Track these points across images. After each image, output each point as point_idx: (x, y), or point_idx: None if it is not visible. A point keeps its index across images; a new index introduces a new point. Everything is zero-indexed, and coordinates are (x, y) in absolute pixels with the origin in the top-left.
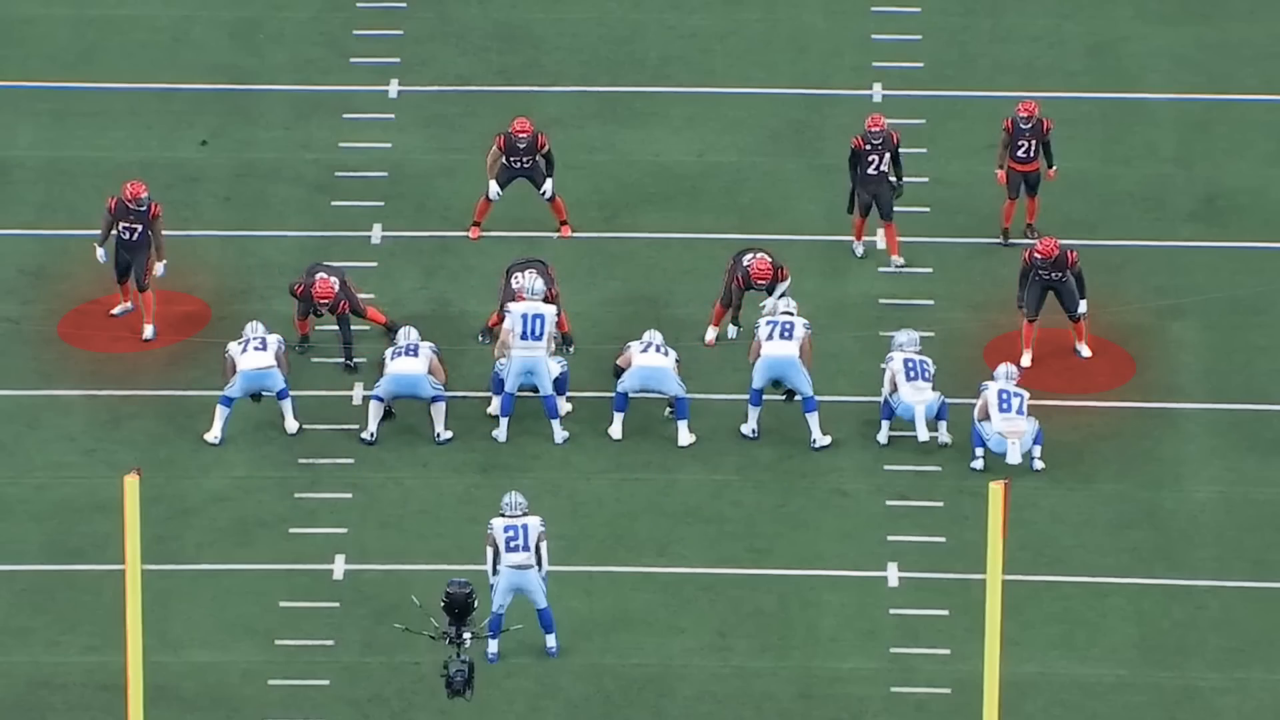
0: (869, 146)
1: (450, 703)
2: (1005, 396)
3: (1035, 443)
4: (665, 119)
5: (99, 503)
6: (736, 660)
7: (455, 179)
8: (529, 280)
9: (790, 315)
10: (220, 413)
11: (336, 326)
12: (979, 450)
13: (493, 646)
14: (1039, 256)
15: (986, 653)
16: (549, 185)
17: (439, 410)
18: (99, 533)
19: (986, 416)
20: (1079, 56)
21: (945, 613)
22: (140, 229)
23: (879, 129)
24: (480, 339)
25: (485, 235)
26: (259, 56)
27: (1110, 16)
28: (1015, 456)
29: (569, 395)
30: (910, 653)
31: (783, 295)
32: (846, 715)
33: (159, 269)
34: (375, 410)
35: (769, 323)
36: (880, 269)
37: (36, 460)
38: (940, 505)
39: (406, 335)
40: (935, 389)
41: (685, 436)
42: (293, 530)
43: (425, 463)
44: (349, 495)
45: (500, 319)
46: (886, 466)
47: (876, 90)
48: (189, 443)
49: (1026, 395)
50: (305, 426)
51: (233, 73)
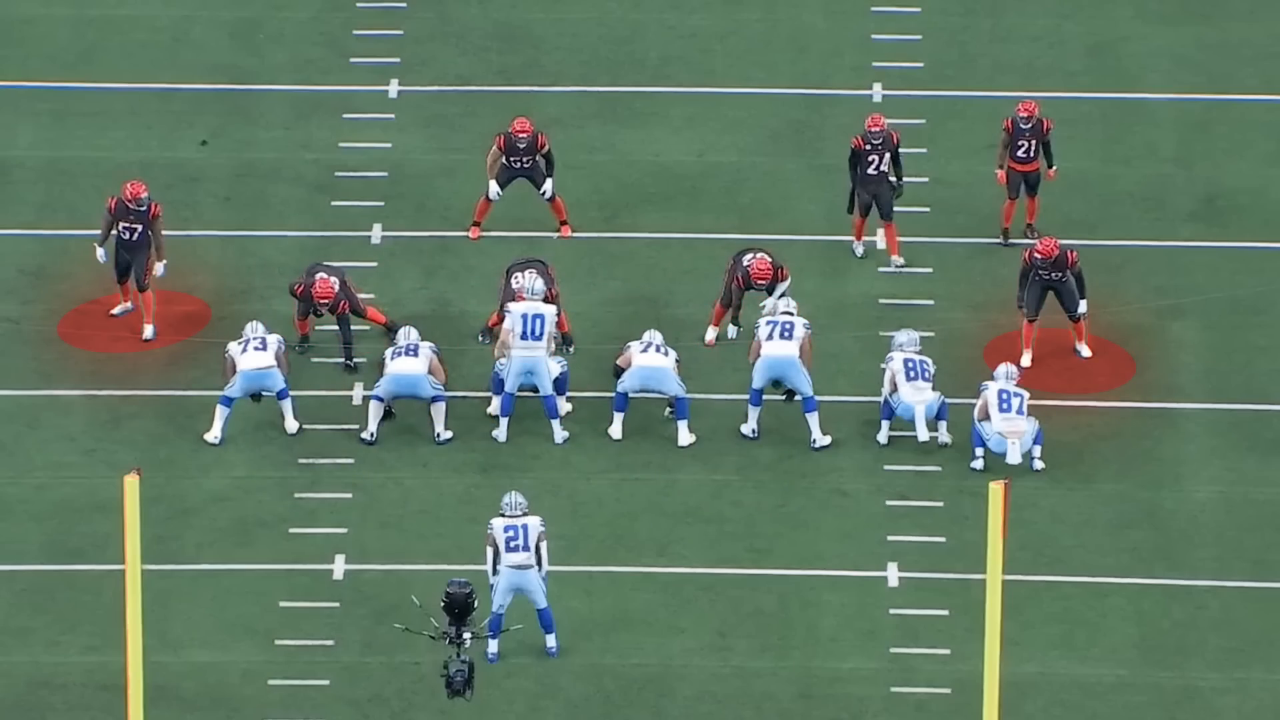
0: (869, 146)
1: (450, 703)
2: (1005, 396)
3: (1035, 443)
4: (665, 119)
5: (99, 503)
6: (736, 660)
7: (455, 179)
8: (529, 280)
9: (790, 315)
10: (220, 413)
11: (336, 326)
12: (979, 450)
13: (493, 646)
14: (1039, 256)
15: (986, 653)
16: (549, 185)
17: (439, 410)
18: (99, 533)
19: (986, 416)
20: (1079, 56)
21: (945, 613)
22: (140, 229)
23: (879, 129)
24: (480, 339)
25: (485, 235)
26: (259, 56)
27: (1110, 16)
28: (1015, 456)
29: (569, 395)
30: (910, 653)
31: (783, 295)
32: (846, 715)
33: (159, 269)
34: (375, 410)
35: (769, 323)
36: (880, 269)
37: (36, 460)
38: (940, 505)
39: (406, 335)
40: (935, 389)
41: (685, 436)
42: (293, 530)
43: (425, 463)
44: (349, 495)
45: (500, 319)
46: (886, 466)
47: (876, 90)
48: (189, 443)
49: (1026, 395)
50: (305, 426)
51: (233, 73)
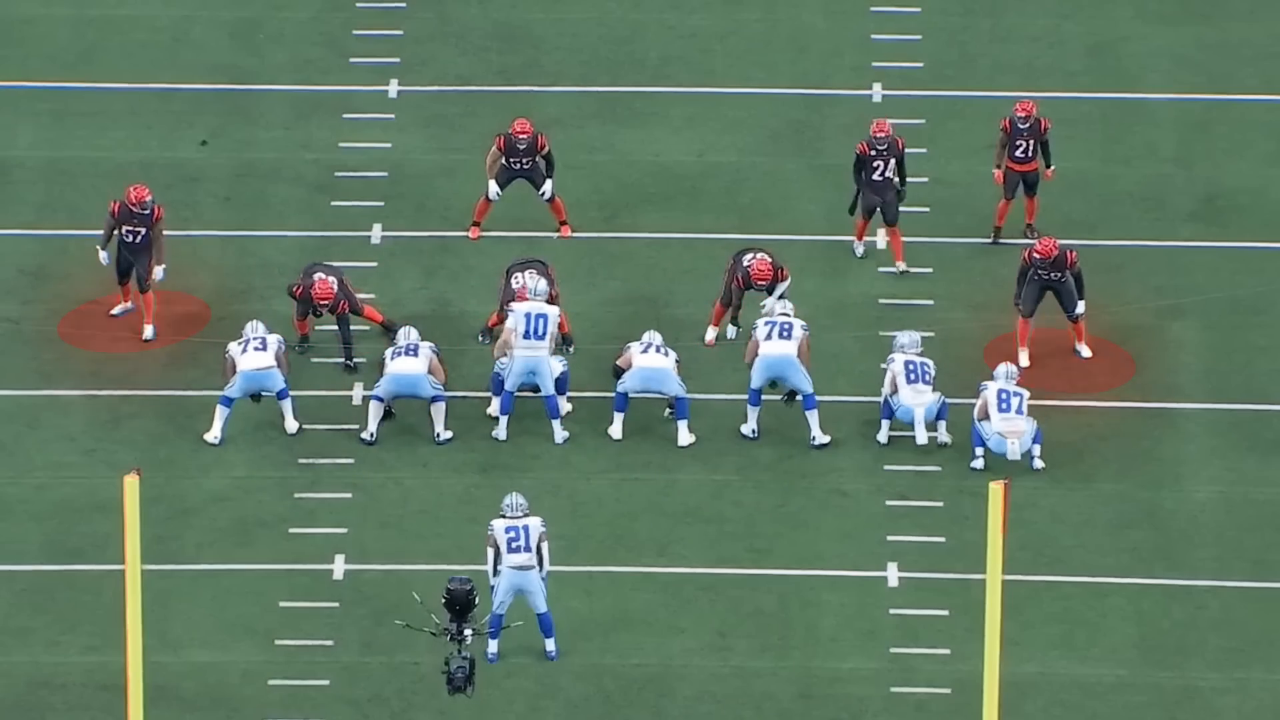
0: (874, 152)
1: (450, 703)
2: (1005, 396)
3: (1035, 441)
4: (665, 119)
5: (99, 503)
6: (736, 660)
7: (455, 179)
8: (532, 281)
9: (788, 316)
10: (220, 413)
11: (336, 327)
12: (979, 450)
13: (492, 646)
14: (1038, 256)
15: (986, 653)
16: (548, 186)
17: (439, 410)
18: (99, 533)
19: (986, 416)
20: (1079, 56)
21: (945, 613)
22: (143, 232)
23: (884, 134)
24: (480, 339)
25: (485, 235)
26: (259, 56)
27: (1110, 16)
28: (1015, 454)
29: (569, 395)
30: (910, 653)
31: (782, 296)
32: (846, 715)
33: (158, 272)
34: (375, 410)
35: (767, 323)
36: (880, 269)
37: (36, 460)
38: (940, 505)
39: (406, 335)
40: (935, 389)
41: (685, 436)
42: (293, 530)
43: (425, 463)
44: (349, 495)
45: (500, 319)
46: (886, 466)
47: (876, 90)
48: (189, 443)
49: (1026, 395)
50: (305, 426)
51: (233, 73)
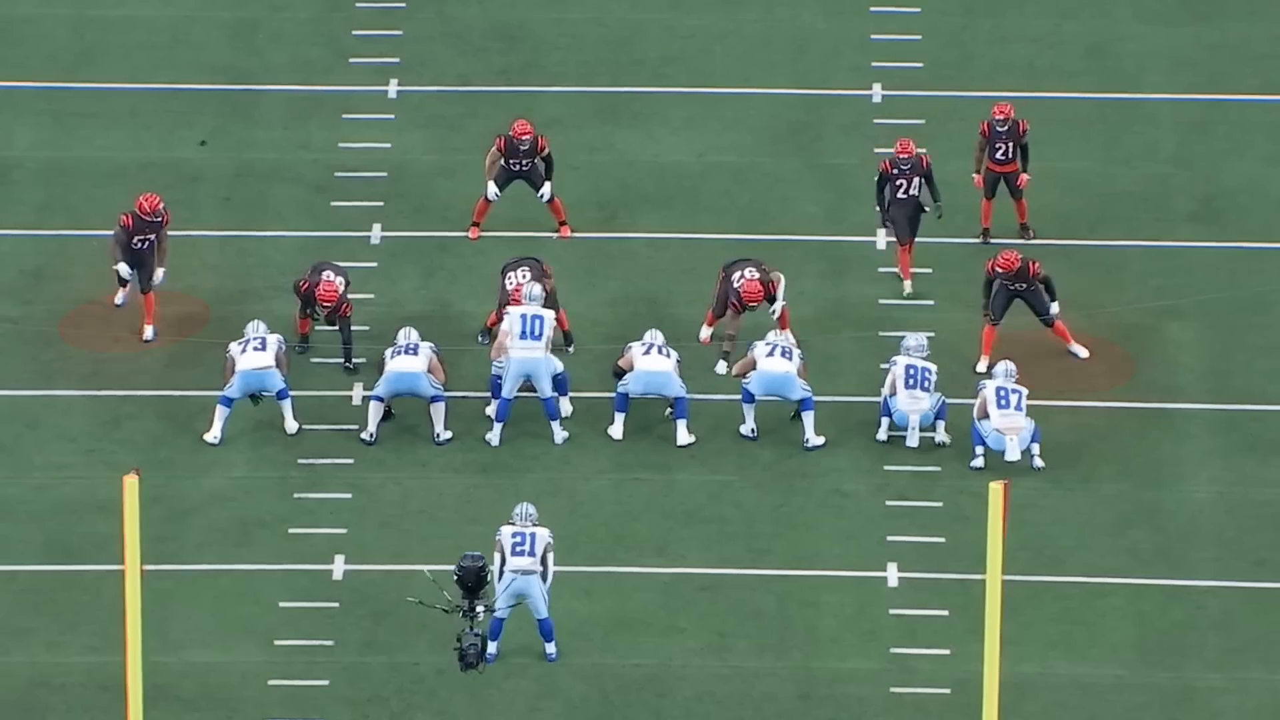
0: (896, 171)
1: (450, 702)
2: (1003, 394)
3: (1033, 440)
4: (665, 119)
5: (99, 503)
6: (736, 660)
7: (455, 179)
8: (528, 286)
9: (789, 343)
10: (220, 413)
11: (336, 327)
12: (978, 449)
13: (491, 647)
14: (1001, 270)
15: (986, 653)
16: (547, 188)
17: (438, 410)
18: (99, 533)
19: (985, 415)
20: (1078, 57)
21: (945, 613)
22: (153, 239)
23: (907, 155)
24: (480, 339)
25: (485, 235)
26: (258, 57)
27: (1109, 17)
28: (1014, 453)
29: (570, 396)
30: (910, 653)
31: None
32: (846, 715)
33: (159, 275)
34: (375, 411)
35: (769, 344)
36: (880, 269)
37: (36, 460)
38: (940, 505)
39: (406, 335)
40: (935, 390)
41: (684, 436)
42: (292, 530)
43: (425, 463)
44: (348, 495)
45: (499, 319)
46: (886, 466)
47: (876, 90)
48: (189, 443)
49: (1025, 392)
50: (305, 427)
51: (232, 73)
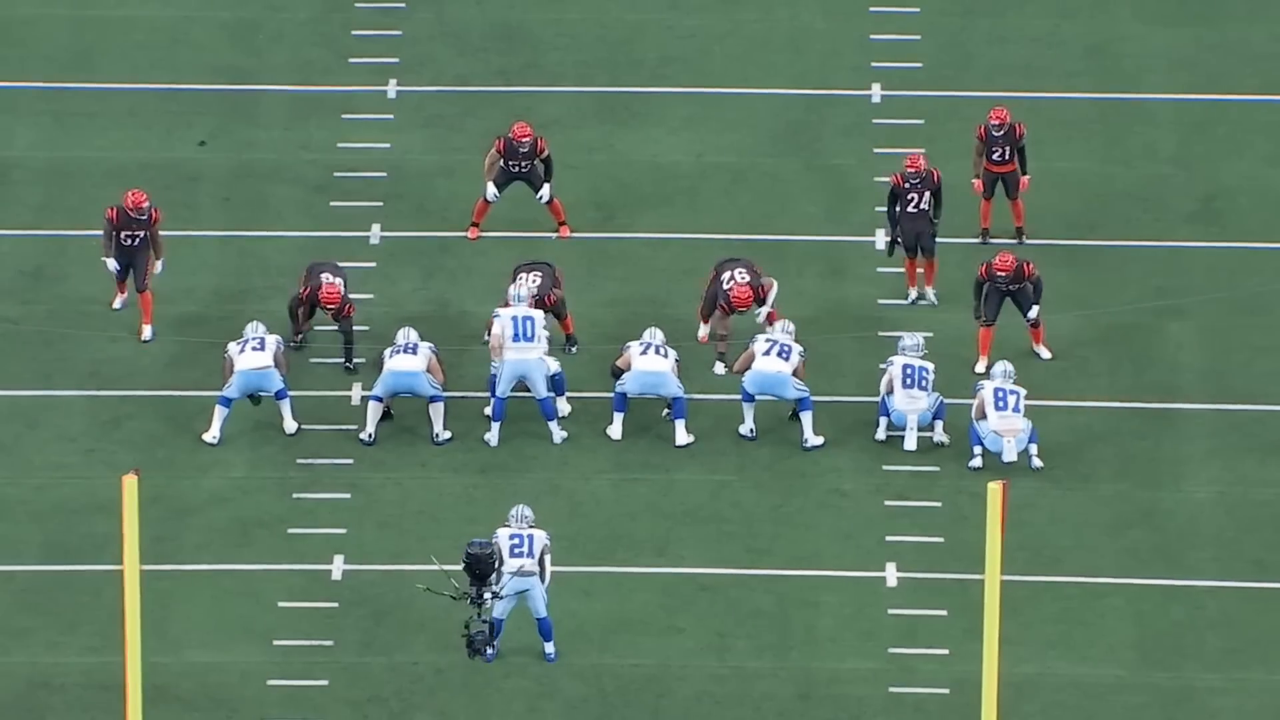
0: (907, 185)
1: (450, 702)
2: (1001, 395)
3: (1030, 441)
4: (664, 119)
5: (98, 503)
6: (735, 661)
7: (454, 179)
8: (514, 289)
9: (790, 339)
10: (219, 413)
11: (336, 327)
12: (977, 449)
13: (490, 647)
14: (1000, 273)
15: (985, 653)
16: (546, 190)
17: (438, 411)
18: (98, 533)
19: (983, 415)
20: (1078, 57)
21: (944, 613)
22: (142, 235)
23: (916, 170)
24: (485, 339)
25: (484, 235)
26: (258, 57)
27: (1109, 17)
28: (1011, 454)
29: (569, 396)
30: (909, 653)
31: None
32: (845, 715)
33: (158, 266)
34: (374, 411)
35: (769, 340)
36: (879, 269)
37: (36, 460)
38: (939, 505)
39: (406, 335)
40: (934, 390)
41: (683, 436)
42: (291, 530)
43: (424, 463)
44: (348, 495)
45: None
46: (885, 466)
47: (875, 90)
48: (188, 443)
49: (1023, 393)
50: (304, 427)
51: (232, 73)
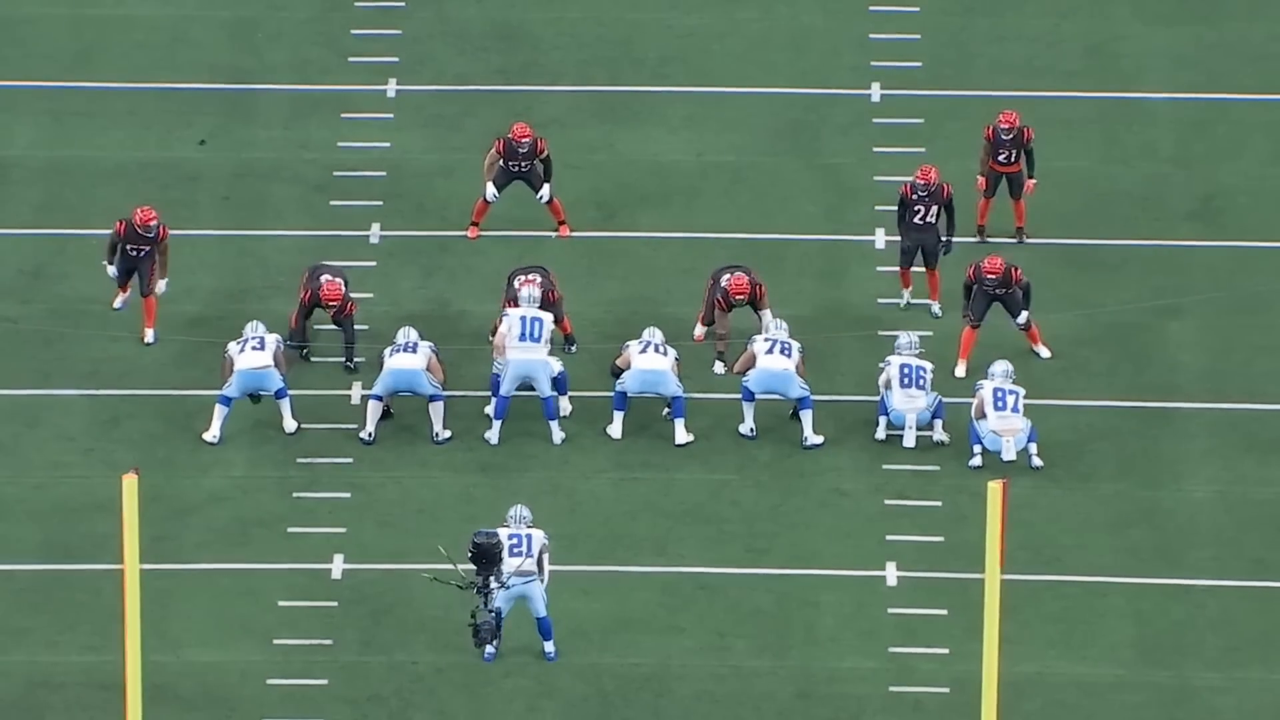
0: (915, 196)
1: (449, 702)
2: (1000, 394)
3: (1030, 440)
4: (663, 119)
5: (98, 502)
6: (735, 660)
7: (454, 179)
8: (525, 291)
9: (787, 337)
10: (219, 412)
11: (338, 326)
12: (976, 448)
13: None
14: (988, 276)
15: (985, 652)
16: (546, 190)
17: (437, 410)
18: (98, 532)
19: (982, 414)
20: (1077, 56)
21: (944, 612)
22: (147, 249)
23: (926, 182)
24: (489, 339)
25: (484, 235)
26: (257, 56)
27: (1108, 16)
28: (1010, 454)
29: (569, 396)
30: (909, 652)
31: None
32: (845, 715)
33: (160, 285)
34: (374, 410)
35: (768, 339)
36: (878, 268)
37: (35, 460)
38: (938, 504)
39: (405, 334)
40: (933, 389)
41: (682, 435)
42: (291, 530)
43: (424, 462)
44: (348, 495)
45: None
46: (885, 466)
47: (875, 90)
48: (188, 442)
49: (1022, 393)
50: (304, 426)
51: (231, 72)
